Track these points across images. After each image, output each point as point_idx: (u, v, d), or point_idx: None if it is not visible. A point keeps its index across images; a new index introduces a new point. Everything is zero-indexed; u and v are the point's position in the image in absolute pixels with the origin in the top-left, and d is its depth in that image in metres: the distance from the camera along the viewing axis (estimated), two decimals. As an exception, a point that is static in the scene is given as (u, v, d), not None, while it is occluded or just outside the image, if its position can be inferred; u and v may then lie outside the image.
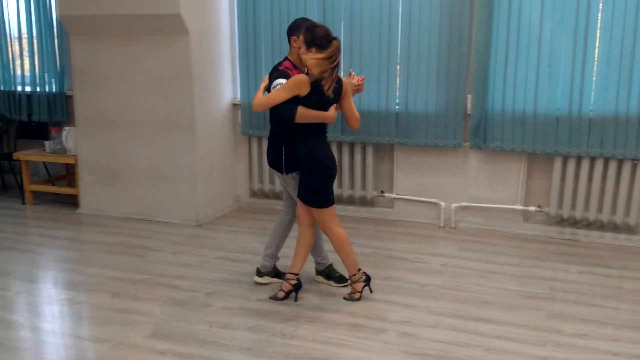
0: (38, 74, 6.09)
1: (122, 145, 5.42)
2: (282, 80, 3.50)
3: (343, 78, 3.64)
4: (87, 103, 5.47)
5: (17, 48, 6.18)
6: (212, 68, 5.35)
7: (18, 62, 6.25)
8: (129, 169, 5.45)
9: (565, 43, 4.62)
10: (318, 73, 3.40)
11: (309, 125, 3.55)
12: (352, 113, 3.66)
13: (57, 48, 5.98)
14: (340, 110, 3.66)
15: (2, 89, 6.28)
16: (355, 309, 3.66)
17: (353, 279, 3.78)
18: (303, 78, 3.44)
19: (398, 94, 5.14)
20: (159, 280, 4.10)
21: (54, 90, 6.08)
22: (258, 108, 3.53)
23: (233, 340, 3.28)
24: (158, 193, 5.40)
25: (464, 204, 5.23)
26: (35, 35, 6.03)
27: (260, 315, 3.57)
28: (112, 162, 5.49)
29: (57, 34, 5.94)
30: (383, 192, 5.47)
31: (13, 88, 6.24)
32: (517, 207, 5.09)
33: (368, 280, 3.79)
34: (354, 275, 3.77)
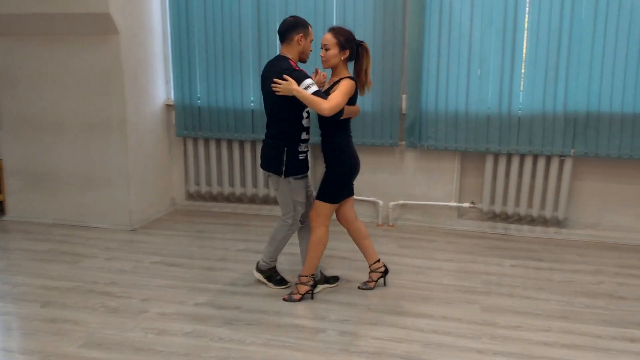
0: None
1: (50, 149, 5.22)
2: (309, 80, 3.43)
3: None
4: (12, 105, 5.24)
5: None
6: (144, 68, 5.23)
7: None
8: (59, 174, 5.26)
9: (495, 44, 4.76)
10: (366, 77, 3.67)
11: (341, 123, 3.60)
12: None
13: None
14: None
15: None
16: (295, 310, 3.65)
17: (302, 280, 3.78)
18: (354, 83, 3.55)
19: (334, 94, 5.15)
20: (92, 288, 3.97)
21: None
22: (330, 112, 3.39)
23: (169, 347, 3.21)
24: (89, 197, 5.23)
25: (402, 202, 5.30)
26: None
27: (198, 320, 3.51)
28: (40, 166, 5.28)
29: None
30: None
31: None
32: (451, 204, 5.20)
33: (313, 287, 3.81)
34: (304, 277, 3.77)
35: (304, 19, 3.63)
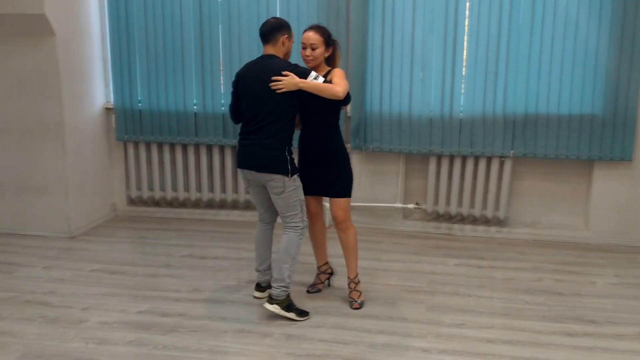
0: None
1: (-17, 155, 5.02)
2: (315, 72, 3.47)
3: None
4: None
5: None
6: (82, 71, 5.09)
7: None
8: (-8, 180, 5.06)
9: (436, 49, 4.84)
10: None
11: (337, 116, 3.69)
12: None
13: None
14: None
15: None
16: (241, 315, 3.61)
17: (355, 281, 3.79)
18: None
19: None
20: (29, 298, 3.83)
21: None
22: (344, 95, 3.44)
23: (111, 356, 3.12)
24: (25, 204, 5.05)
25: (346, 205, 5.32)
26: None
27: (141, 328, 3.42)
28: (-29, 172, 5.07)
29: None
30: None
31: None
32: (397, 205, 5.25)
33: (330, 274, 4.04)
34: (356, 278, 3.80)
35: (286, 21, 3.62)
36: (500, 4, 4.67)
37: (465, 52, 4.82)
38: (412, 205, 5.24)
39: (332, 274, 4.04)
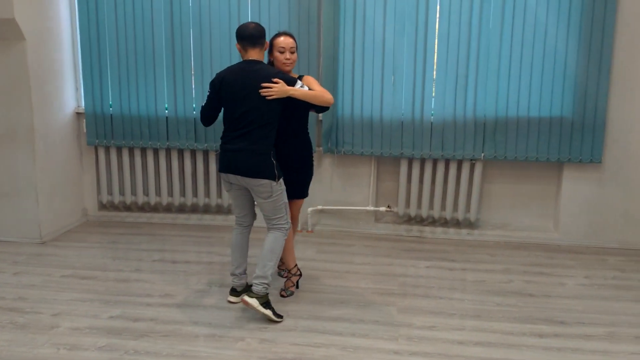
0: None
1: (-51, 160, 4.93)
2: (300, 81, 3.60)
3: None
4: None
5: None
6: (52, 75, 5.03)
7: None
8: (-41, 186, 4.97)
9: (407, 52, 4.88)
10: None
11: (304, 120, 3.83)
12: None
13: None
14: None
15: None
16: (213, 319, 3.59)
17: (293, 272, 4.02)
18: None
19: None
20: (-3, 305, 3.77)
21: None
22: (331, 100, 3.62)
23: (81, 362, 3.09)
24: (-6, 210, 4.98)
25: (320, 207, 5.33)
26: None
27: (112, 334, 3.39)
28: (-62, 178, 4.97)
29: None
30: (240, 199, 5.45)
31: None
32: (369, 208, 5.28)
33: (300, 276, 4.09)
34: (294, 268, 4.02)
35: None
36: (471, 9, 4.74)
37: (436, 55, 4.87)
38: (383, 208, 5.28)
39: (301, 276, 4.07)
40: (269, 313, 3.52)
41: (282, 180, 3.59)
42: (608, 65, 4.69)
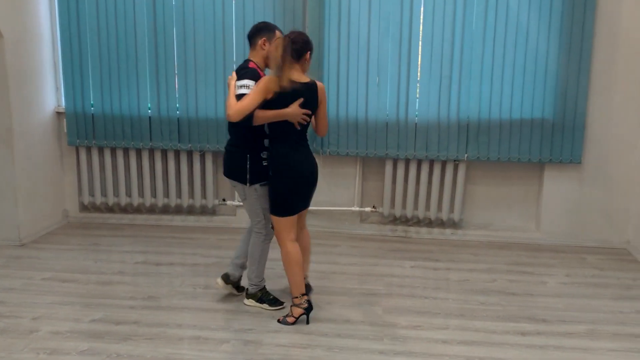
0: None
1: None
2: (246, 82, 3.30)
3: (319, 83, 3.54)
4: None
5: None
6: (31, 75, 4.95)
7: None
8: (-64, 187, 4.87)
9: (392, 54, 4.89)
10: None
11: (277, 129, 3.39)
12: (323, 120, 3.60)
13: None
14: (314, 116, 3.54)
15: None
16: (197, 322, 3.56)
17: (294, 302, 3.54)
18: (273, 78, 3.30)
19: (234, 101, 5.10)
20: (-24, 308, 3.71)
21: None
22: (235, 117, 3.22)
23: (63, 366, 3.04)
24: (-27, 212, 4.89)
25: (304, 209, 5.32)
26: None
27: (94, 337, 3.35)
28: None
29: None
30: (225, 200, 5.41)
31: None
32: (354, 208, 5.28)
33: (309, 310, 3.53)
34: (296, 299, 3.53)
35: (274, 24, 3.61)
36: (454, 11, 4.76)
37: (420, 57, 4.89)
38: (369, 209, 5.28)
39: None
40: (265, 306, 3.72)
41: (259, 187, 3.51)
42: (587, 67, 4.74)
